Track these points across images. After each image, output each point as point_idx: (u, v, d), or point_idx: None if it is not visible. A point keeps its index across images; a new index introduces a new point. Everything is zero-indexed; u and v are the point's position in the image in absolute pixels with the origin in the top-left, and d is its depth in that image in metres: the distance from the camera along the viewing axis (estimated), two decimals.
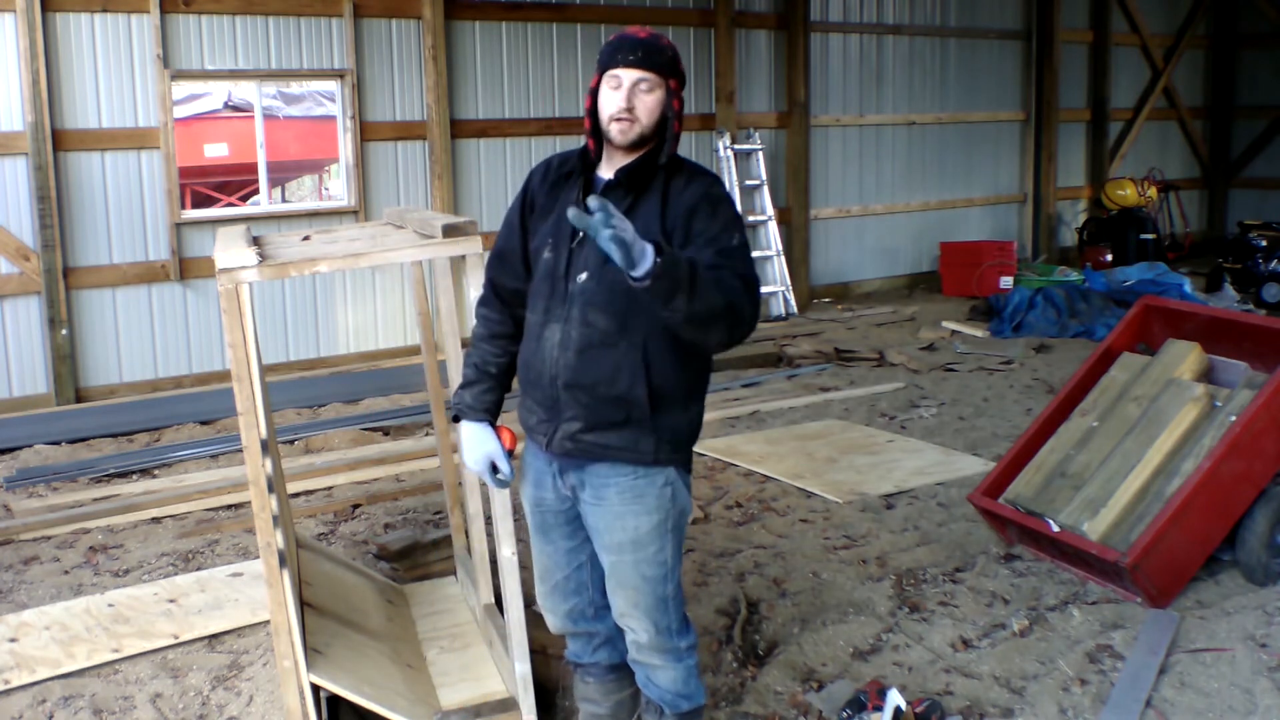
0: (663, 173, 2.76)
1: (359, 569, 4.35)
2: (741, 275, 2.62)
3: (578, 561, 2.99)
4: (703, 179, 2.78)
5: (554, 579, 3.03)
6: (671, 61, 2.73)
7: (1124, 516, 4.30)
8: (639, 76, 2.68)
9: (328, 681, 3.08)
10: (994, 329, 9.81)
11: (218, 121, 11.69)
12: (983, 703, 3.57)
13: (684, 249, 2.63)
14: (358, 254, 3.16)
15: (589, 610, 3.05)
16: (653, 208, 2.72)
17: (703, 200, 2.71)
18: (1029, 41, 13.26)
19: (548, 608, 3.09)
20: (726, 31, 10.66)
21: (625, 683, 3.15)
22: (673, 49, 2.76)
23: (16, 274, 7.65)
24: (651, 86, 2.69)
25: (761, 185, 10.89)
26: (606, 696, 3.16)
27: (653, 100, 2.70)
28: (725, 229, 2.68)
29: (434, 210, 8.32)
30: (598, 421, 2.72)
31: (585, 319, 2.70)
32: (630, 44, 2.70)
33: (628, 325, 2.68)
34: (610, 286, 2.67)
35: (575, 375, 2.71)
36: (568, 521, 2.94)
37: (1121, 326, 5.02)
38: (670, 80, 2.73)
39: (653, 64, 2.69)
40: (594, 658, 3.13)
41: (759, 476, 5.99)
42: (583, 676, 3.17)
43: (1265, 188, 14.92)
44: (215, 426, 7.16)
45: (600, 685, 3.15)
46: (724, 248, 2.65)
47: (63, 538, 5.36)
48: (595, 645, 3.11)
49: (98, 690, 3.79)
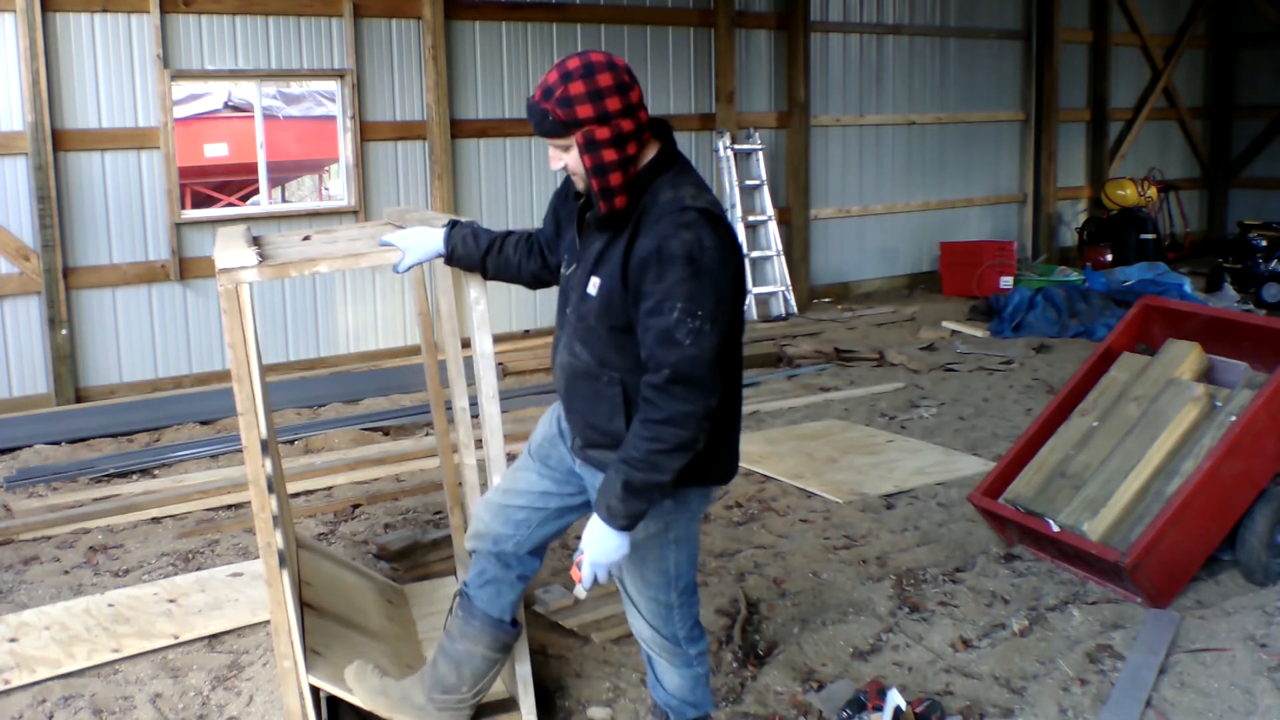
0: (641, 204, 2.59)
1: (359, 569, 4.35)
2: (673, 364, 2.45)
3: (543, 505, 2.96)
4: (671, 220, 2.50)
5: (511, 500, 2.98)
6: (562, 123, 2.50)
7: (1124, 516, 4.30)
8: (548, 143, 2.60)
9: (327, 682, 3.08)
10: (994, 329, 9.81)
11: (218, 121, 11.68)
12: (983, 703, 3.57)
13: (635, 306, 2.55)
14: (358, 254, 3.16)
15: (510, 547, 2.98)
16: (619, 252, 2.59)
17: (653, 256, 2.49)
18: (1029, 41, 13.26)
19: (482, 518, 3.01)
20: (726, 31, 10.66)
21: (491, 643, 3.05)
22: (567, 101, 2.48)
23: (16, 274, 7.64)
24: (564, 148, 2.56)
25: (761, 185, 10.88)
26: (460, 637, 3.05)
27: (573, 158, 2.56)
28: (669, 296, 2.46)
29: (434, 210, 8.32)
30: (593, 441, 2.76)
31: (572, 349, 2.74)
32: (529, 112, 2.58)
33: (605, 361, 2.68)
34: (586, 327, 2.68)
35: (570, 400, 2.79)
36: (563, 469, 2.94)
37: (1121, 326, 5.02)
38: (576, 135, 2.51)
39: (544, 130, 2.55)
40: (483, 596, 3.03)
41: (759, 476, 5.99)
42: (457, 608, 3.08)
43: (1265, 188, 14.92)
44: (215, 426, 7.16)
45: (461, 624, 3.05)
46: (663, 325, 2.47)
47: (63, 538, 5.36)
48: (494, 585, 3.02)
49: (98, 690, 3.79)
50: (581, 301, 2.68)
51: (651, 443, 2.51)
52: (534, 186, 9.71)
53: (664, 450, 2.51)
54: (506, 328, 9.47)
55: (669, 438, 2.50)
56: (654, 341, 2.50)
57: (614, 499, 2.56)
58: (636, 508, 2.58)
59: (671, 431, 2.50)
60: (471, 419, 3.57)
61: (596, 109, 2.49)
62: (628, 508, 2.56)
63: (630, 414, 2.64)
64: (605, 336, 2.64)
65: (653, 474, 2.53)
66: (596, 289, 2.63)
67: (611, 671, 3.82)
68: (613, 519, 2.58)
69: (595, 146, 2.50)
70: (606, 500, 2.58)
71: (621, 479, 2.54)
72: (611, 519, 2.58)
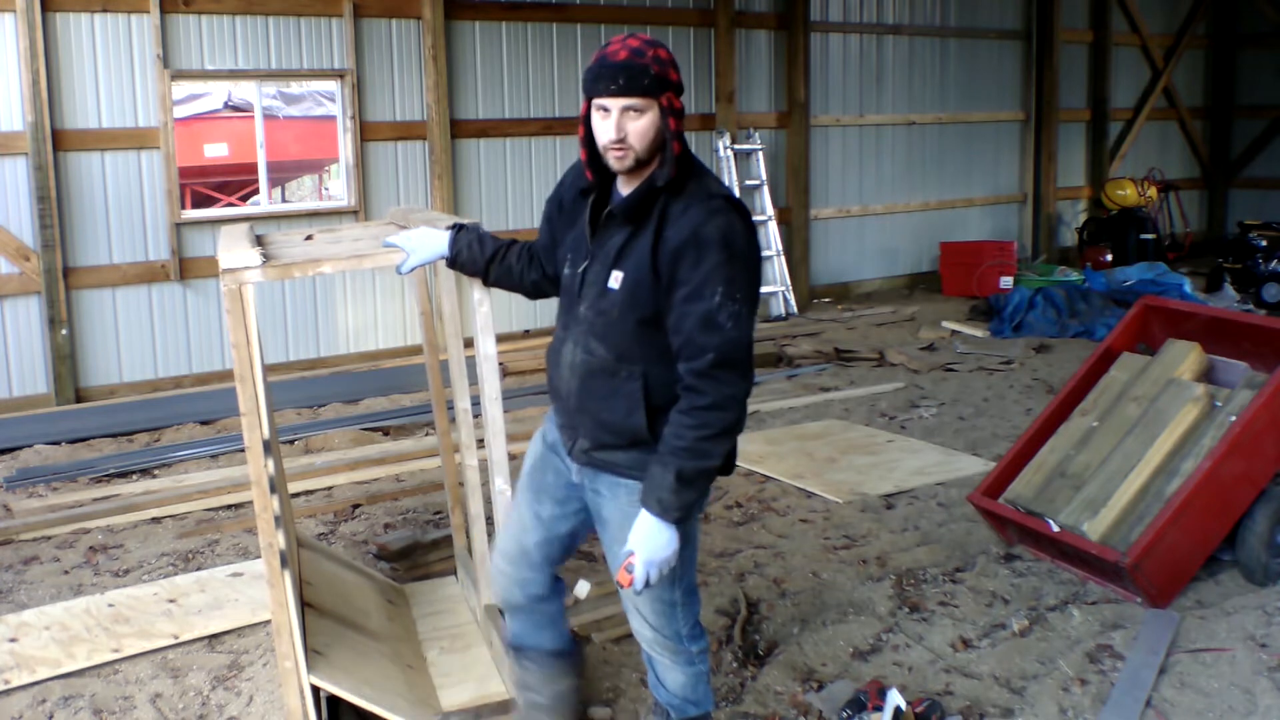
0: (664, 197, 2.59)
1: (360, 569, 4.35)
2: (717, 347, 2.49)
3: (557, 532, 2.92)
4: (701, 207, 2.55)
5: (527, 542, 2.93)
6: (658, 80, 2.52)
7: (1124, 516, 4.31)
8: (625, 104, 2.51)
9: (328, 683, 3.08)
10: (994, 329, 9.81)
11: (218, 121, 11.68)
12: (983, 703, 3.57)
13: (668, 292, 2.56)
14: (361, 255, 3.16)
15: (545, 587, 2.96)
16: (645, 243, 2.58)
17: (689, 242, 2.52)
18: (1029, 41, 13.26)
19: (505, 573, 2.97)
20: (726, 31, 10.66)
21: (566, 671, 3.05)
22: (661, 62, 2.53)
23: (16, 274, 7.64)
24: (641, 110, 2.53)
25: (761, 185, 10.88)
26: (547, 684, 3.05)
27: (645, 124, 2.54)
28: (709, 281, 2.50)
29: (435, 210, 8.32)
30: (605, 442, 2.73)
31: (587, 346, 2.71)
32: (610, 71, 2.51)
33: (625, 355, 2.66)
34: (606, 322, 2.66)
35: (581, 400, 2.74)
36: (565, 487, 2.90)
37: (1121, 326, 5.02)
38: (661, 98, 2.54)
39: (637, 88, 2.50)
40: (537, 640, 3.02)
41: (759, 476, 5.99)
42: (522, 662, 3.05)
43: (1265, 188, 14.92)
44: (215, 426, 7.16)
45: (541, 672, 3.04)
46: (704, 310, 2.50)
47: (63, 538, 5.36)
48: (538, 625, 3.01)
49: (98, 690, 3.79)
50: (601, 296, 2.66)
51: (699, 429, 2.52)
52: (534, 186, 9.71)
53: (712, 436, 2.53)
54: (507, 327, 9.47)
55: (716, 422, 2.53)
56: (695, 326, 2.51)
57: (666, 492, 2.55)
58: (689, 498, 2.57)
59: (718, 416, 2.53)
60: (473, 418, 3.57)
61: (678, 76, 2.59)
62: (681, 499, 2.56)
63: (651, 407, 2.64)
64: (629, 330, 2.63)
65: (703, 460, 2.54)
66: (620, 282, 2.62)
67: (611, 671, 3.82)
68: (666, 512, 2.56)
69: (676, 112, 2.57)
70: (657, 495, 2.56)
71: (673, 471, 2.53)
72: (665, 513, 2.56)
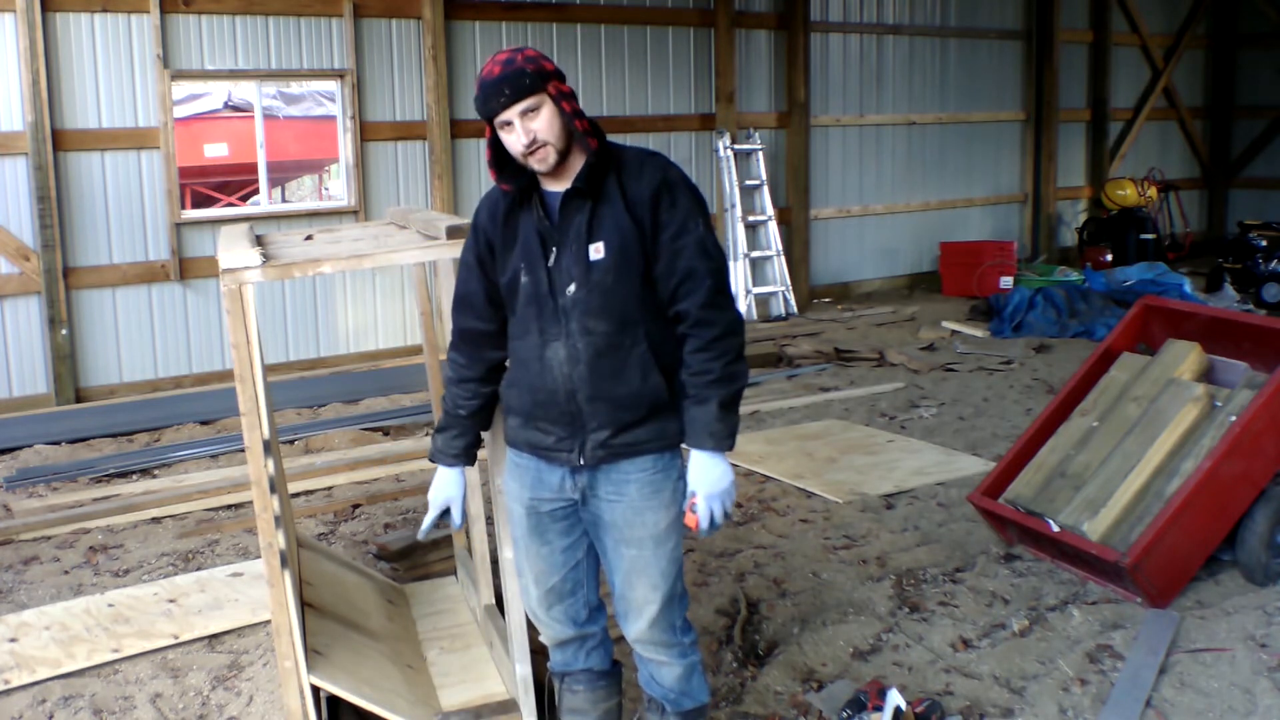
0: (612, 163, 2.72)
1: (360, 569, 4.35)
2: (713, 273, 2.69)
3: (574, 560, 2.96)
4: (653, 162, 2.76)
5: (550, 581, 2.97)
6: (537, 75, 2.63)
7: (1124, 516, 4.30)
8: (521, 108, 2.62)
9: (328, 683, 3.08)
10: (994, 329, 9.81)
11: (218, 121, 11.69)
12: (983, 703, 3.57)
13: (653, 239, 2.69)
14: (361, 255, 3.16)
15: (583, 611, 3.01)
16: (615, 207, 2.69)
17: (661, 188, 2.71)
18: (1029, 41, 13.27)
19: (543, 615, 3.02)
20: (726, 31, 10.66)
21: (613, 690, 3.11)
22: (530, 59, 2.64)
23: (16, 274, 7.65)
24: (536, 108, 2.62)
25: (761, 185, 10.88)
26: (596, 705, 3.09)
27: (545, 118, 2.63)
28: (689, 215, 2.72)
29: (434, 210, 8.32)
30: (626, 423, 2.74)
31: (586, 328, 2.71)
32: (494, 87, 2.62)
33: (626, 322, 2.70)
34: (602, 292, 2.68)
35: (593, 386, 2.72)
36: (564, 518, 2.91)
37: (1121, 326, 5.02)
38: (548, 88, 2.64)
39: (523, 90, 2.61)
40: (586, 663, 3.06)
41: (759, 476, 6.00)
42: (570, 686, 3.09)
43: (1265, 188, 14.93)
44: (215, 426, 7.16)
45: (590, 693, 3.08)
46: (695, 240, 2.70)
47: (63, 538, 5.36)
48: (588, 650, 3.06)
49: (98, 690, 3.79)
50: (587, 272, 2.69)
51: (722, 357, 2.69)
52: None
53: (734, 359, 2.71)
54: None
55: (733, 346, 2.71)
56: (693, 255, 2.68)
57: (714, 423, 2.69)
58: (734, 423, 2.74)
59: (733, 340, 2.71)
60: None
61: (553, 65, 2.71)
62: (727, 425, 2.71)
63: (662, 364, 2.73)
64: (627, 291, 2.69)
65: (735, 384, 2.71)
66: (603, 249, 2.68)
67: None
68: (719, 444, 2.71)
69: (567, 95, 2.68)
70: (707, 430, 2.70)
71: (715, 402, 2.68)
72: (718, 444, 2.71)
